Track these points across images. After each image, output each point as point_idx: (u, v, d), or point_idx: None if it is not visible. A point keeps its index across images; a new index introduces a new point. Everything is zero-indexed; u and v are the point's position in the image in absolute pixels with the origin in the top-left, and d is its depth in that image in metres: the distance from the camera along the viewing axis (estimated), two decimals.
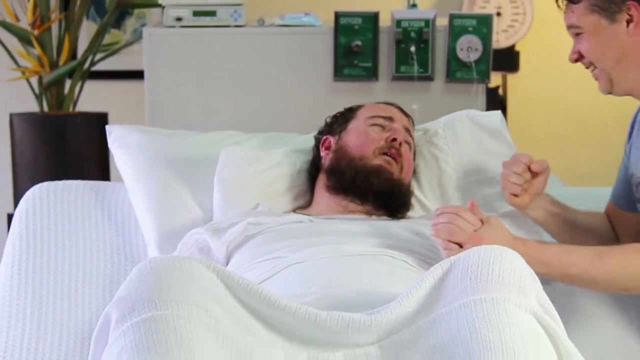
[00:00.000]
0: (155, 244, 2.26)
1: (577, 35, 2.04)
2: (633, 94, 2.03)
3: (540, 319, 1.58)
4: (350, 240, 2.00)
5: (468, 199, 2.27)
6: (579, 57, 2.05)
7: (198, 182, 2.32)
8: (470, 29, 3.03)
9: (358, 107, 2.35)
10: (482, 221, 1.93)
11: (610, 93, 2.04)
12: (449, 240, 1.91)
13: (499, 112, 2.45)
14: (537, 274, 1.65)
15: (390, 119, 2.28)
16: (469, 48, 3.03)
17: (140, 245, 2.31)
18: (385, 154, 2.21)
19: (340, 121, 2.34)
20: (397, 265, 1.94)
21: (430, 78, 3.06)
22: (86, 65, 3.51)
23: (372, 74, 3.06)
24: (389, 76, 3.07)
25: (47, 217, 2.33)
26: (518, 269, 1.59)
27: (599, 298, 2.17)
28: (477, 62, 3.03)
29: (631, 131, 2.12)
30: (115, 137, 2.44)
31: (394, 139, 2.22)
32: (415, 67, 3.04)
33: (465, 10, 4.05)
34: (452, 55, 3.04)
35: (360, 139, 2.24)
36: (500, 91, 4.17)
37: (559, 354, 1.59)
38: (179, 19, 3.07)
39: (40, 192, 2.37)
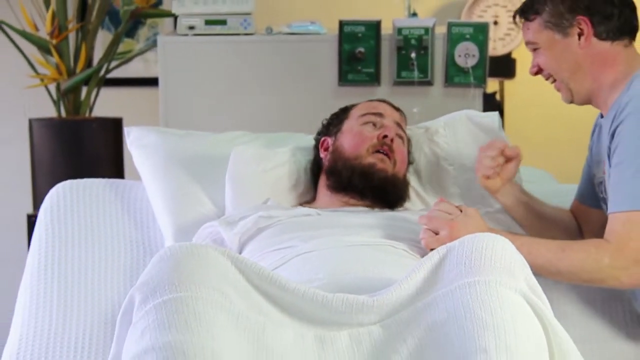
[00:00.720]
0: (172, 237, 2.31)
1: (534, 50, 2.11)
2: (591, 102, 2.11)
3: (529, 299, 1.63)
4: (355, 232, 2.06)
5: (466, 195, 2.36)
6: (538, 70, 2.13)
7: (211, 180, 2.38)
8: (468, 36, 3.04)
9: (352, 107, 2.39)
10: (461, 211, 2.02)
11: (572, 102, 2.11)
12: (427, 228, 2.00)
13: (496, 113, 2.49)
14: None
15: (380, 115, 2.31)
16: (466, 54, 3.03)
17: (158, 238, 2.36)
18: (378, 151, 2.25)
19: (335, 122, 2.38)
20: (397, 254, 1.99)
21: (429, 83, 3.08)
22: (102, 72, 3.49)
23: (374, 79, 3.07)
24: (391, 81, 3.08)
25: (71, 212, 2.38)
26: (508, 254, 1.65)
27: (566, 289, 2.22)
28: (474, 67, 3.03)
29: (593, 134, 2.19)
30: (134, 137, 2.49)
31: (385, 136, 2.26)
32: (416, 73, 3.05)
33: (463, 19, 4.03)
34: (450, 61, 3.05)
35: (354, 140, 2.28)
36: (498, 96, 4.16)
37: (546, 331, 1.64)
38: (191, 28, 3.08)
39: (63, 190, 2.42)
